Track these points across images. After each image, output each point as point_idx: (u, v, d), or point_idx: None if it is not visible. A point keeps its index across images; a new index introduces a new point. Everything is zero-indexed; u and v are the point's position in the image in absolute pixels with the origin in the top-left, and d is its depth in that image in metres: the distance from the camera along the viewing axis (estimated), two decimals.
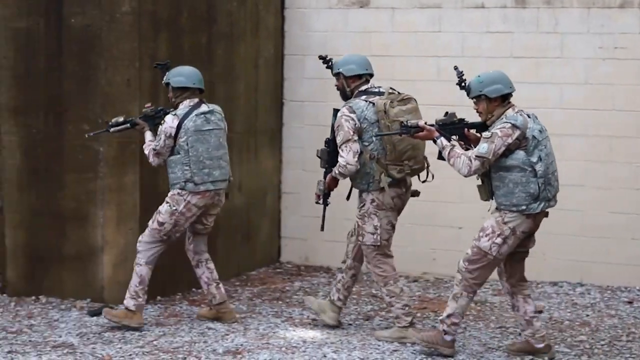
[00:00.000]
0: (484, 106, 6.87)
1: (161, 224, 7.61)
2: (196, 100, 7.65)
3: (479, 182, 6.97)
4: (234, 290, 9.00)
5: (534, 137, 6.74)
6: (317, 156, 7.58)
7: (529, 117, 6.82)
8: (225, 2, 9.18)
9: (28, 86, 8.43)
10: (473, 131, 7.03)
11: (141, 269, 7.63)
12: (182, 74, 7.65)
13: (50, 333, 7.61)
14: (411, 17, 9.71)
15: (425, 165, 7.44)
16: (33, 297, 8.57)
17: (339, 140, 7.23)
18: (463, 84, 6.96)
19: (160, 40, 8.37)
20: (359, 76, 7.40)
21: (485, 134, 6.75)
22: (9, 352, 7.11)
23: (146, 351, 7.13)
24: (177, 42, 8.56)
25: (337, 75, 7.45)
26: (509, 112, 6.80)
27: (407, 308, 7.44)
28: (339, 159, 7.23)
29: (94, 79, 8.21)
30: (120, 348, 7.21)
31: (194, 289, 8.86)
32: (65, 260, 8.48)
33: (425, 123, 6.97)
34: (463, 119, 7.05)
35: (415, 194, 7.52)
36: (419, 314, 8.10)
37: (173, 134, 7.53)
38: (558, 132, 8.76)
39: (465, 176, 6.83)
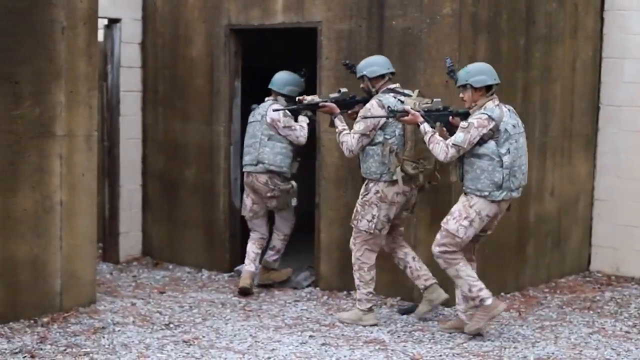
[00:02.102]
0: (469, 95, 7.33)
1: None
2: (272, 98, 8.95)
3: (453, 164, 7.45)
4: (542, 297, 8.85)
5: (506, 130, 7.22)
6: (333, 98, 8.02)
7: (509, 110, 7.30)
8: (545, 3, 9.01)
9: (348, 87, 8.62)
10: (457, 119, 7.39)
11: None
12: (274, 77, 8.93)
13: (361, 328, 7.78)
14: None
15: (436, 167, 7.75)
16: (345, 292, 8.80)
17: (357, 127, 7.72)
18: (451, 73, 7.39)
19: (479, 42, 8.33)
20: (382, 76, 7.85)
21: (463, 123, 7.23)
22: (323, 344, 7.33)
23: (456, 353, 7.15)
24: (495, 43, 8.49)
25: (361, 78, 7.92)
26: (489, 104, 7.27)
27: (370, 295, 7.87)
28: (349, 140, 7.73)
29: (413, 80, 8.30)
30: (431, 348, 7.26)
31: (502, 294, 8.79)
32: (376, 258, 8.61)
33: (411, 108, 7.42)
34: (448, 107, 7.52)
35: (422, 189, 7.88)
36: None
37: None
38: None
39: (442, 161, 7.32)
